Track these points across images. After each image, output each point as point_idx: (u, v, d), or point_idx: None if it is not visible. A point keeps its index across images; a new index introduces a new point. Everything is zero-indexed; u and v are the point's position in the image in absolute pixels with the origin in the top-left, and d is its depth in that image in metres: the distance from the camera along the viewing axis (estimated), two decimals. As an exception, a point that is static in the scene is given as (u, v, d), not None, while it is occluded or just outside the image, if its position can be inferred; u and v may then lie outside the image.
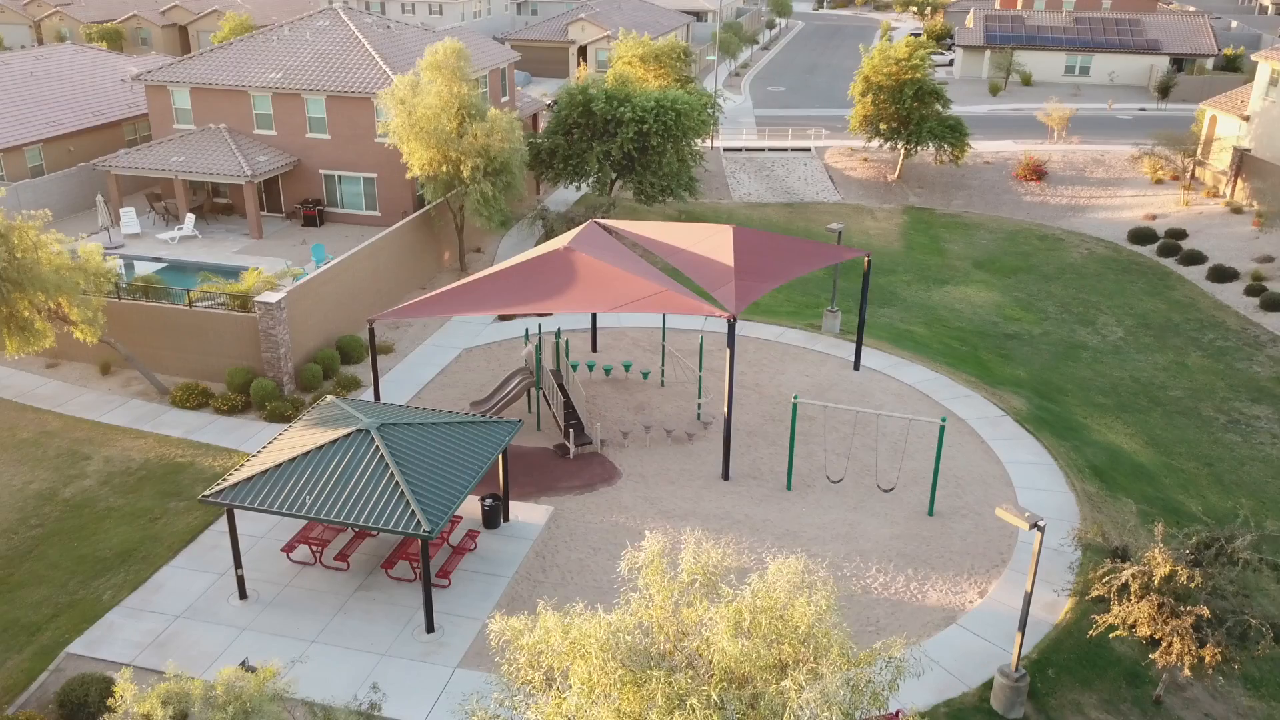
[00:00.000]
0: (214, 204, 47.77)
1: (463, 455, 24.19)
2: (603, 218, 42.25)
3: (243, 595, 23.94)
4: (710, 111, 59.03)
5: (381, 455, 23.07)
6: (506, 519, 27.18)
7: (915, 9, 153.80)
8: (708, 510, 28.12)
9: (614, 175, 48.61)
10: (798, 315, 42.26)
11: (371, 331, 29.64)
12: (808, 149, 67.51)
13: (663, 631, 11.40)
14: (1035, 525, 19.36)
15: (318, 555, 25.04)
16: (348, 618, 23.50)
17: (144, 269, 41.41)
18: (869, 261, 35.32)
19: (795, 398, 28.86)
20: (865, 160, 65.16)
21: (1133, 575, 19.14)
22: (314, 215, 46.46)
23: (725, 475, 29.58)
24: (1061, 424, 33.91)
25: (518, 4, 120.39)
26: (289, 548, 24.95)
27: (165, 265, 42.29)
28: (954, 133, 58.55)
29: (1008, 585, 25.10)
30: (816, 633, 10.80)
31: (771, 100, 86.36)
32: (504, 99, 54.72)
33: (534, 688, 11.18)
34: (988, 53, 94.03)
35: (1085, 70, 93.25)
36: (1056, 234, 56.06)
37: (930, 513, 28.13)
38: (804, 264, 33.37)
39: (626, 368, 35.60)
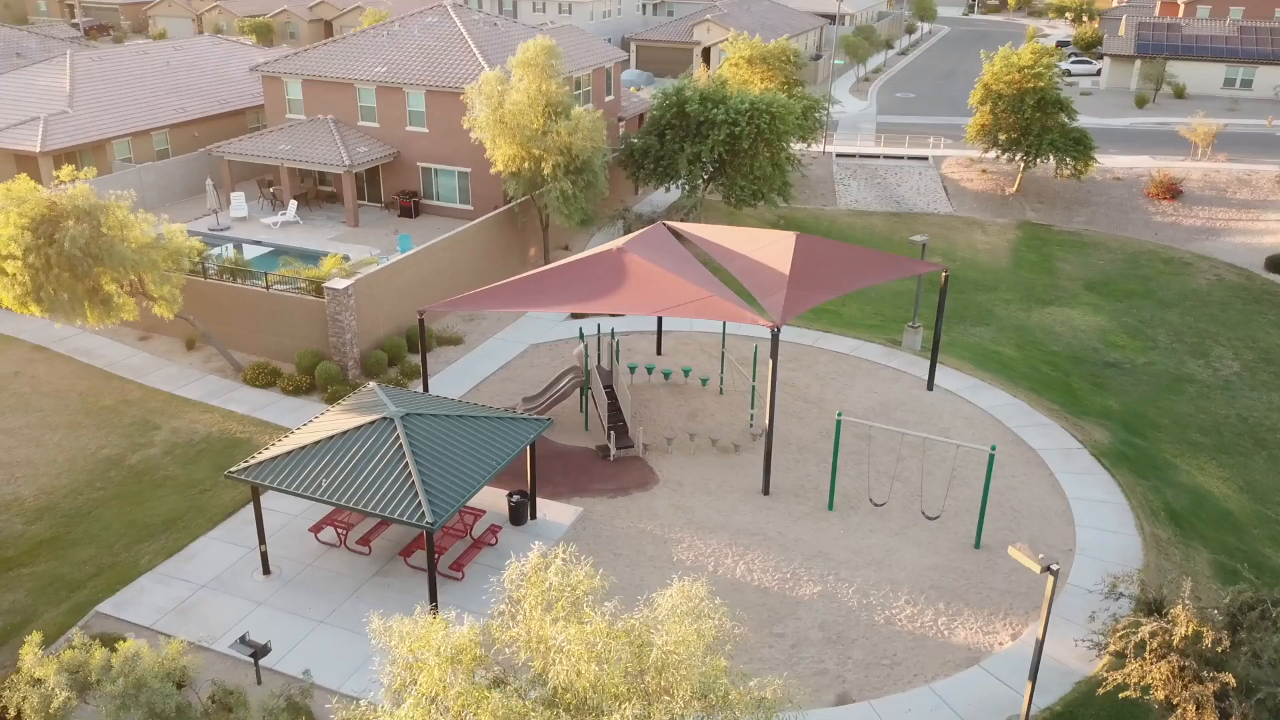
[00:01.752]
0: (319, 191, 49.60)
1: (483, 450, 24.21)
2: (683, 220, 41.77)
3: (266, 571, 24.64)
4: (816, 115, 57.84)
5: (400, 444, 23.32)
6: (533, 516, 27.11)
7: (1071, 15, 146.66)
8: (739, 524, 27.33)
9: (704, 177, 48.01)
10: (881, 329, 40.74)
11: (421, 323, 30.09)
12: (925, 158, 65.14)
13: (528, 648, 11.00)
14: (1048, 569, 17.97)
15: (342, 538, 25.56)
16: (360, 602, 23.86)
17: (252, 252, 43.22)
18: (946, 277, 33.69)
19: (839, 415, 27.74)
20: (984, 172, 62.38)
21: (1151, 632, 17.47)
22: (409, 206, 47.63)
23: (765, 490, 28.68)
24: (1145, 461, 31.51)
25: (654, 4, 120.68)
26: (317, 528, 25.55)
27: (271, 250, 44.00)
28: (1077, 146, 55.33)
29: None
30: (669, 665, 10.14)
31: (898, 107, 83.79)
32: (608, 98, 54.83)
33: (386, 693, 10.98)
34: (1138, 62, 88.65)
35: (1247, 83, 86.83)
36: (1184, 257, 52.29)
37: (976, 545, 26.57)
38: (870, 276, 32.10)
39: (686, 373, 35.04)
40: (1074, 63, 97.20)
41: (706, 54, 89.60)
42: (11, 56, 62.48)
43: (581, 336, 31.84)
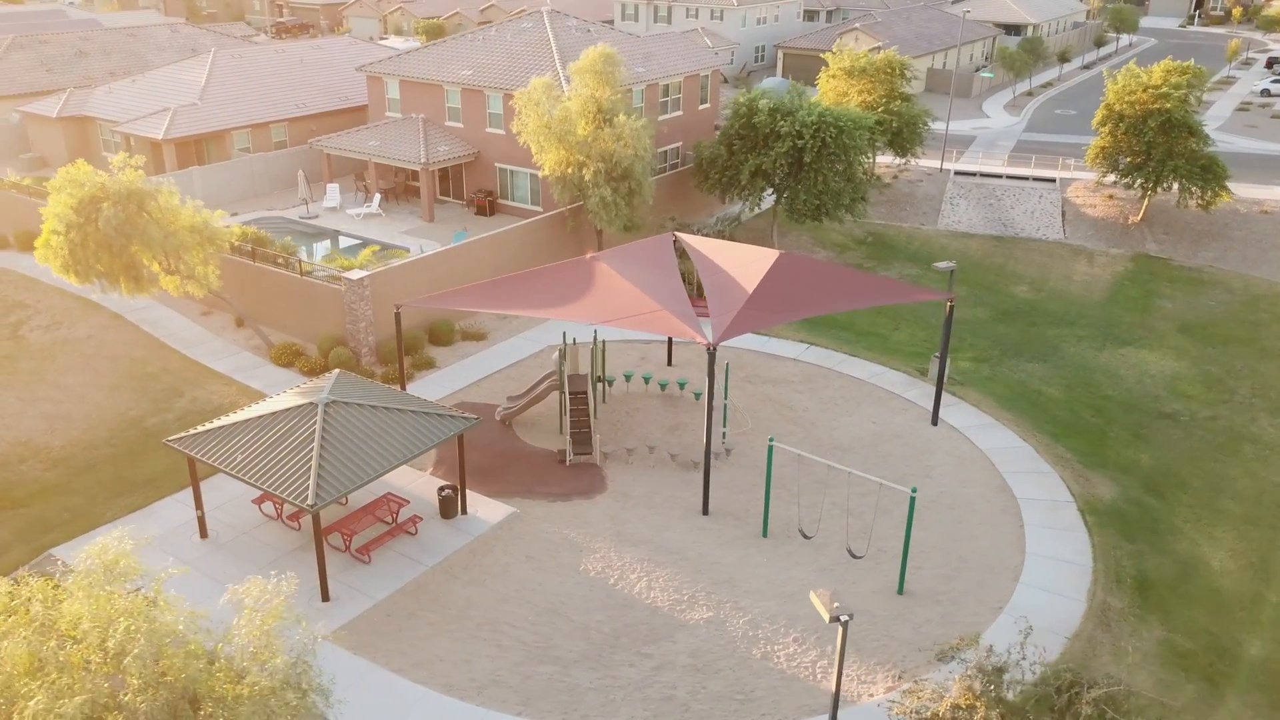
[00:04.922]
0: (408, 186, 52.37)
1: (395, 442, 25.24)
2: (720, 234, 41.34)
3: (203, 535, 26.68)
4: (918, 130, 55.71)
5: (314, 429, 24.71)
6: (463, 511, 27.93)
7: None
8: (665, 541, 27.12)
9: (766, 189, 47.27)
10: (922, 357, 38.91)
11: (398, 318, 31.47)
12: (1051, 180, 61.16)
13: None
14: (837, 619, 17.12)
15: (279, 512, 27.28)
16: (273, 573, 25.36)
17: (344, 243, 46.37)
18: (951, 307, 31.94)
19: (771, 440, 26.98)
20: (1110, 198, 57.90)
21: (931, 697, 16.30)
22: (485, 205, 49.53)
23: (704, 510, 28.29)
24: (1144, 523, 28.79)
25: (829, 11, 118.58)
26: (259, 500, 27.43)
27: (358, 242, 46.92)
28: (1205, 174, 50.41)
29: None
30: (126, 654, 10.71)
31: (1053, 124, 78.80)
32: (702, 106, 54.85)
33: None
34: (1344, 84, 79.46)
35: None
36: (1315, 304, 46.76)
37: (899, 591, 25.23)
38: (856, 300, 31.02)
39: (681, 385, 34.86)
40: (1274, 81, 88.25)
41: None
42: (187, 52, 69.38)
43: (563, 341, 32.36)
